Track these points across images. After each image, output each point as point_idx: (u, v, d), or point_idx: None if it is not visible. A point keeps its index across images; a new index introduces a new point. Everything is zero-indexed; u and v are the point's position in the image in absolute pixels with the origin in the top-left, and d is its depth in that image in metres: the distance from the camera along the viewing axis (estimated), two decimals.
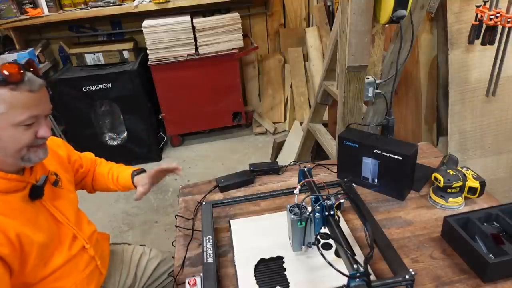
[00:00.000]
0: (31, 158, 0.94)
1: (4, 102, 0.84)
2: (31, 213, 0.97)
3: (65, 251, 1.04)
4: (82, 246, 1.09)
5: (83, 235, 1.10)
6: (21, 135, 0.89)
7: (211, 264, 0.99)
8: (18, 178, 0.94)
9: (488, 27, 1.67)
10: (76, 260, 1.07)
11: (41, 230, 0.97)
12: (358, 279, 0.78)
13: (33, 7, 2.97)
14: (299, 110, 3.47)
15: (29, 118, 0.88)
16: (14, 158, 0.91)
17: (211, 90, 3.20)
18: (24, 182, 0.96)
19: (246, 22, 3.56)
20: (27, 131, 0.90)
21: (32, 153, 0.93)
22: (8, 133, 0.87)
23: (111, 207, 2.69)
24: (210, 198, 1.36)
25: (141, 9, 3.00)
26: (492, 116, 1.99)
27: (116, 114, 3.15)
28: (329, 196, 0.98)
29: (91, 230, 1.17)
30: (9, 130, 0.87)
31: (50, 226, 1.01)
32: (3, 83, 0.83)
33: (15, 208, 0.93)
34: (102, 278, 1.18)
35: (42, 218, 1.00)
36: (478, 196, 1.20)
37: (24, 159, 0.93)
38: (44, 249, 0.97)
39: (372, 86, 1.54)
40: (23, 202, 0.96)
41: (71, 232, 1.07)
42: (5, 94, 0.84)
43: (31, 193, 0.97)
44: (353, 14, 1.38)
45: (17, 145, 0.89)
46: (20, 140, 0.89)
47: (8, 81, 0.84)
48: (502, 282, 0.94)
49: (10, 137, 0.88)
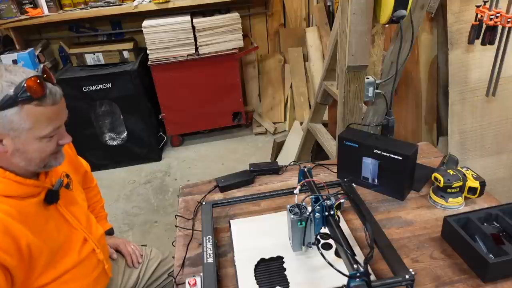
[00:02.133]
0: (52, 164, 0.95)
1: (29, 118, 0.84)
2: (44, 218, 0.96)
3: (75, 255, 1.03)
4: (92, 249, 1.09)
5: (93, 238, 1.10)
6: (45, 146, 0.90)
7: (211, 264, 0.99)
8: (34, 183, 0.94)
9: (488, 27, 1.67)
10: (85, 264, 1.06)
11: (53, 236, 0.97)
12: (358, 279, 0.78)
13: (33, 7, 2.97)
14: (299, 110, 3.47)
15: (53, 130, 0.90)
16: (38, 167, 0.93)
17: (211, 90, 3.20)
18: (39, 188, 0.95)
19: (246, 22, 3.56)
20: (50, 142, 0.91)
21: (53, 159, 0.95)
22: (33, 146, 0.88)
23: (111, 207, 2.69)
24: (210, 198, 1.36)
25: (141, 9, 3.00)
26: (492, 116, 1.99)
27: (116, 114, 3.15)
28: (329, 196, 0.98)
29: (99, 233, 1.17)
30: (35, 143, 0.88)
31: (61, 231, 1.01)
32: (29, 100, 0.83)
33: (30, 214, 0.92)
34: (107, 280, 1.18)
35: (54, 223, 0.99)
36: (478, 196, 1.20)
37: (46, 166, 0.94)
38: (53, 255, 0.97)
39: (372, 86, 1.53)
40: (38, 208, 0.95)
41: (82, 236, 1.07)
42: (31, 109, 0.84)
43: (46, 197, 0.97)
44: (353, 14, 1.38)
45: (42, 155, 0.91)
46: (45, 151, 0.91)
47: (33, 98, 0.83)
48: (502, 282, 0.94)
49: (36, 149, 0.89)
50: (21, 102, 0.81)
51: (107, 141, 3.20)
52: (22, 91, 0.81)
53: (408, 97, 2.21)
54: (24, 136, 0.85)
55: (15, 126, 0.83)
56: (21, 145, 0.86)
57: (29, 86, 0.82)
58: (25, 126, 0.84)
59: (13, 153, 0.87)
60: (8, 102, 0.81)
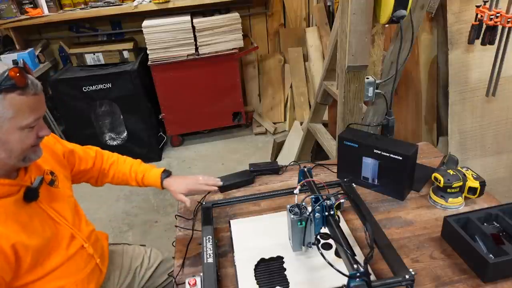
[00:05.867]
0: (31, 158, 0.95)
1: (12, 107, 0.85)
2: (26, 216, 0.96)
3: (62, 251, 1.03)
4: (81, 245, 1.09)
5: (82, 235, 1.10)
6: (26, 138, 0.91)
7: (211, 264, 0.99)
8: (10, 182, 0.94)
9: (488, 27, 1.67)
10: (75, 259, 1.06)
11: (37, 233, 0.96)
12: (358, 279, 0.78)
13: (33, 7, 2.97)
14: (299, 110, 3.47)
15: (34, 120, 0.90)
16: (17, 160, 0.92)
17: (211, 90, 3.20)
18: (17, 186, 0.95)
19: (246, 22, 3.56)
20: (30, 133, 0.91)
21: (32, 153, 0.95)
22: (15, 136, 0.88)
23: (111, 207, 2.69)
24: (210, 198, 1.36)
25: (141, 9, 3.00)
26: (492, 116, 1.99)
27: (116, 114, 3.15)
28: (329, 196, 0.98)
29: (89, 229, 1.16)
30: (16, 133, 0.88)
31: (46, 228, 1.00)
32: (12, 88, 0.84)
33: (9, 213, 0.92)
34: (102, 277, 1.18)
35: (38, 220, 0.99)
36: (478, 196, 1.20)
37: (25, 159, 0.94)
38: (39, 252, 0.96)
39: (372, 86, 1.54)
40: (18, 206, 0.94)
41: (69, 232, 1.07)
42: (13, 99, 0.85)
43: (25, 195, 0.96)
44: (353, 14, 1.38)
45: (23, 146, 0.91)
46: (26, 142, 0.91)
47: (16, 86, 0.85)
48: (502, 282, 0.94)
49: (17, 140, 0.89)
50: (4, 90, 0.83)
51: (107, 141, 3.20)
52: (6, 80, 0.83)
53: (408, 97, 2.21)
54: (6, 126, 0.86)
55: None
56: (3, 135, 0.87)
57: (12, 76, 0.84)
58: (7, 115, 0.85)
59: None
60: None
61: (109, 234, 1.34)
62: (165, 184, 1.28)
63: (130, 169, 1.33)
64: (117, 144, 3.18)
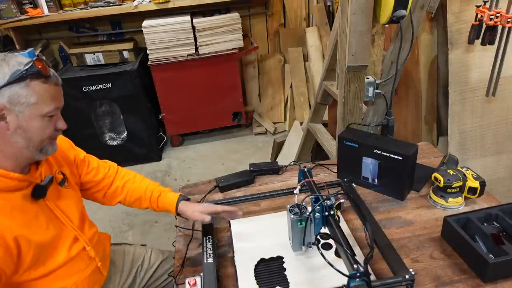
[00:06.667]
0: (48, 150, 0.99)
1: (36, 93, 0.90)
2: (32, 212, 0.96)
3: (64, 252, 1.03)
4: (83, 247, 1.09)
5: (85, 237, 1.10)
6: (45, 127, 0.95)
7: (211, 264, 0.99)
8: (20, 177, 0.94)
9: (488, 27, 1.67)
10: (76, 261, 1.06)
11: (41, 230, 0.97)
12: (358, 279, 0.78)
13: (33, 7, 2.96)
14: (299, 110, 3.47)
15: (55, 109, 0.95)
16: (35, 149, 0.95)
17: (211, 90, 3.20)
18: (26, 182, 0.96)
19: (246, 22, 3.56)
20: (50, 123, 0.96)
21: (49, 145, 0.99)
22: (36, 123, 0.92)
23: (111, 207, 2.66)
24: (210, 198, 1.36)
25: (141, 9, 2.99)
26: (492, 116, 1.99)
27: (116, 114, 3.15)
28: (329, 196, 0.98)
29: (92, 231, 1.16)
30: (37, 120, 0.92)
31: (51, 226, 1.01)
32: (37, 75, 0.89)
33: (15, 207, 0.93)
34: (103, 279, 1.18)
35: (44, 218, 0.99)
36: (478, 196, 1.20)
37: (42, 151, 0.97)
38: (42, 249, 0.97)
39: (372, 86, 1.54)
40: (25, 201, 0.95)
41: (72, 234, 1.07)
42: (38, 86, 0.90)
43: (33, 192, 0.97)
44: (353, 14, 1.38)
45: (42, 135, 0.95)
46: (45, 131, 0.95)
47: (41, 74, 0.90)
48: (502, 282, 0.94)
49: (37, 127, 0.93)
50: (30, 76, 0.88)
51: (107, 141, 3.20)
52: (31, 67, 0.89)
53: (408, 97, 2.21)
54: (29, 112, 0.90)
55: (22, 100, 0.89)
56: (24, 121, 0.90)
57: (37, 65, 0.90)
58: (31, 100, 0.89)
59: (15, 131, 0.90)
60: (18, 76, 0.87)
61: (110, 234, 1.34)
62: (181, 207, 1.19)
63: (147, 188, 1.26)
64: (117, 144, 3.18)
